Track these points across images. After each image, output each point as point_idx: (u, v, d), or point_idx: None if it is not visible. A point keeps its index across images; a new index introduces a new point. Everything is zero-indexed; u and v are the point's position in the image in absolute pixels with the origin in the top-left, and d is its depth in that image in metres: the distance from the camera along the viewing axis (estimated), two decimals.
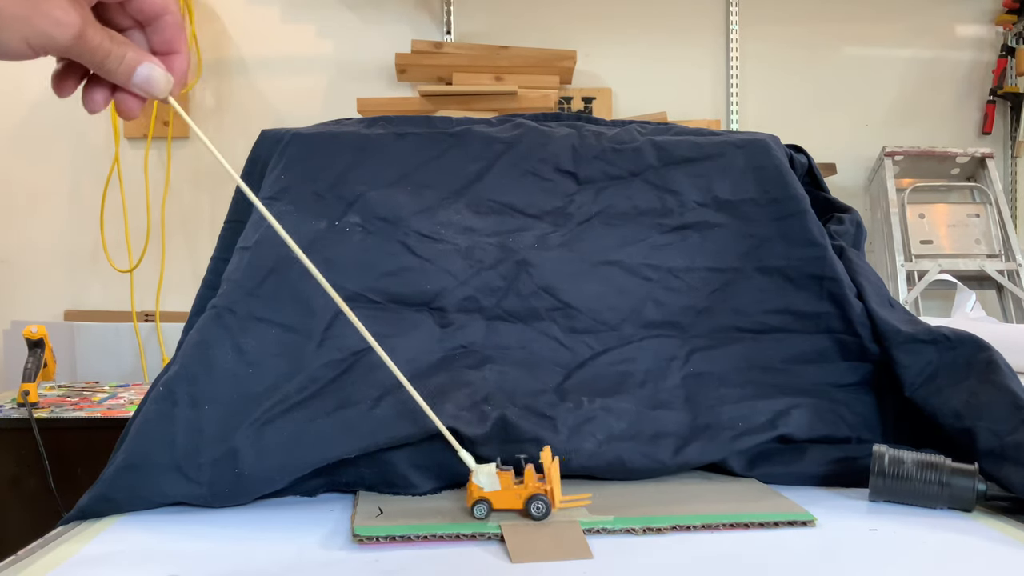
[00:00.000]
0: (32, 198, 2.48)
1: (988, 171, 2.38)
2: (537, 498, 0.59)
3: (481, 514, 0.59)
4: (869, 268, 0.87)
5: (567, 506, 0.61)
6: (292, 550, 0.55)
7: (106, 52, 0.47)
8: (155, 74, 0.49)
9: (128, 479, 0.62)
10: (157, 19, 0.50)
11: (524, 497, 0.59)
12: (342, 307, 0.60)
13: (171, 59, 0.51)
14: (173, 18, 0.51)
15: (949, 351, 0.75)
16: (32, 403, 1.43)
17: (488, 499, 0.59)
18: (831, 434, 0.74)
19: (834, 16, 2.59)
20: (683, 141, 0.91)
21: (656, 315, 0.83)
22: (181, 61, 0.52)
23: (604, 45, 2.55)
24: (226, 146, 2.55)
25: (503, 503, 0.59)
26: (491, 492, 0.59)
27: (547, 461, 0.60)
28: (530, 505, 0.59)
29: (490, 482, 0.59)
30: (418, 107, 2.27)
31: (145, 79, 0.49)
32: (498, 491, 0.59)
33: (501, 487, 0.59)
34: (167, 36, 0.51)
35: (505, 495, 0.59)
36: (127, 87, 0.50)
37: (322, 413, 0.67)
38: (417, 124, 0.90)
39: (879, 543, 0.57)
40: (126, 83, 0.49)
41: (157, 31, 0.51)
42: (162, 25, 0.51)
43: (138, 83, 0.49)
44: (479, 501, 0.59)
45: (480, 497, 0.59)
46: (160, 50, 0.51)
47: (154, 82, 0.49)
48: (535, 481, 0.60)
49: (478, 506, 0.59)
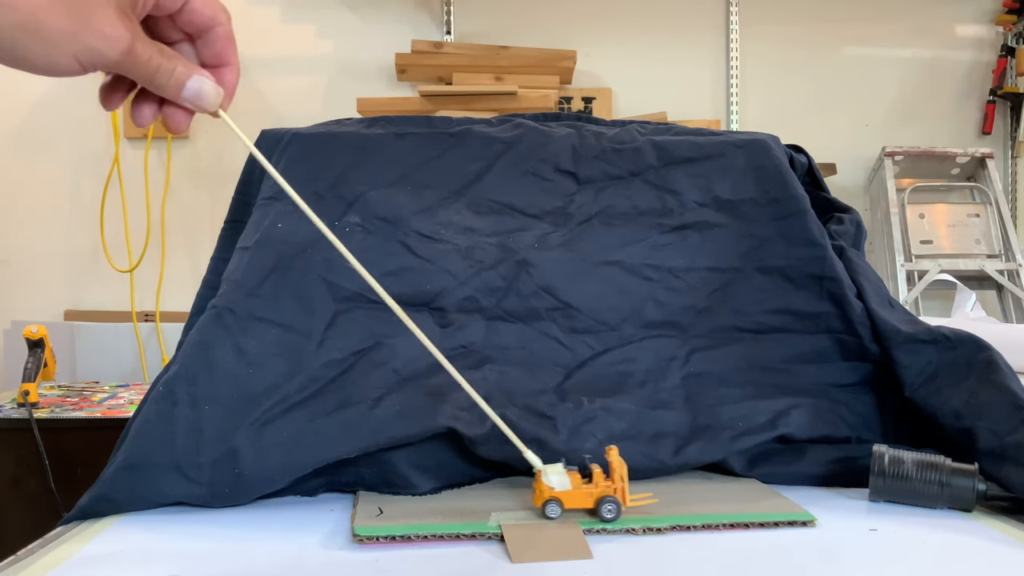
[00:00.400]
0: (32, 198, 2.48)
1: (988, 171, 2.38)
2: (608, 499, 0.59)
3: (554, 514, 0.59)
4: (869, 268, 0.87)
5: (636, 505, 0.61)
6: (292, 550, 0.55)
7: (156, 66, 0.46)
8: (205, 87, 0.49)
9: (128, 479, 0.62)
10: (208, 31, 0.49)
11: (595, 497, 0.59)
12: (397, 309, 0.59)
13: (221, 71, 0.51)
14: (224, 29, 0.50)
15: (949, 351, 0.75)
16: (32, 403, 1.43)
17: (559, 499, 0.59)
18: (831, 434, 0.74)
19: (834, 16, 2.59)
20: (683, 141, 0.91)
21: (656, 315, 0.83)
22: (232, 73, 0.51)
23: (604, 45, 2.55)
24: (226, 146, 2.55)
25: (574, 503, 0.59)
26: (562, 492, 0.59)
27: (614, 460, 0.60)
28: (601, 506, 0.59)
29: (561, 481, 0.59)
30: (418, 107, 2.27)
31: (195, 93, 0.48)
32: (569, 491, 0.59)
33: (572, 487, 0.59)
34: (218, 48, 0.50)
35: (576, 495, 0.59)
36: (177, 101, 0.49)
37: (322, 413, 0.67)
38: (417, 124, 0.90)
39: (879, 543, 0.57)
40: (176, 97, 0.48)
41: (207, 43, 0.50)
42: (213, 37, 0.50)
43: (188, 97, 0.48)
44: (551, 500, 0.59)
45: (552, 496, 0.59)
46: (210, 63, 0.50)
47: (204, 95, 0.49)
48: (604, 481, 0.60)
49: (550, 505, 0.59)
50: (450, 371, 0.59)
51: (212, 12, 0.49)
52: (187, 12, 0.48)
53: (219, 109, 0.50)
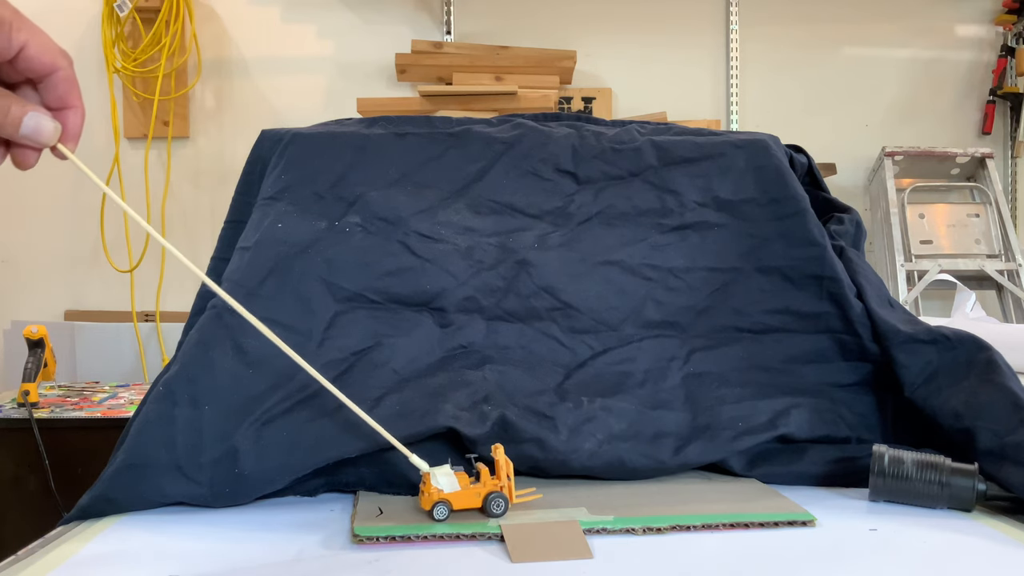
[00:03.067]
0: (32, 198, 2.48)
1: (988, 171, 2.38)
2: (495, 495, 0.60)
3: (442, 515, 0.59)
4: (869, 268, 0.87)
5: (521, 501, 0.62)
6: (292, 550, 0.55)
7: None
8: (43, 123, 0.50)
9: (128, 479, 0.62)
10: (48, 76, 0.50)
11: (483, 495, 0.60)
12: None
13: (65, 114, 0.52)
14: (65, 74, 0.51)
15: (949, 351, 0.75)
16: (32, 403, 1.43)
17: (448, 500, 0.59)
18: (831, 434, 0.74)
19: (834, 16, 2.59)
20: (683, 141, 0.91)
21: (656, 315, 0.83)
22: (76, 116, 0.52)
23: (604, 45, 2.55)
24: (226, 146, 2.55)
25: (463, 503, 0.60)
26: (451, 493, 0.60)
27: (500, 457, 0.61)
28: (489, 503, 0.60)
29: (449, 483, 0.60)
30: (418, 107, 2.27)
31: (33, 129, 0.49)
32: (457, 492, 0.60)
33: (460, 487, 0.60)
34: (60, 92, 0.51)
35: (464, 495, 0.60)
36: (15, 139, 0.50)
37: (322, 413, 0.67)
38: (417, 124, 0.90)
39: (879, 543, 0.57)
40: (14, 135, 0.49)
41: (49, 87, 0.51)
42: (54, 81, 0.51)
43: (26, 133, 0.49)
44: (439, 503, 0.59)
45: (440, 499, 0.59)
46: (54, 105, 0.51)
47: (42, 131, 0.50)
48: (491, 479, 0.61)
49: (438, 507, 0.59)
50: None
51: (51, 58, 0.50)
52: (23, 59, 0.49)
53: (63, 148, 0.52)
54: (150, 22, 2.36)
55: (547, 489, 0.67)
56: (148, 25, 2.36)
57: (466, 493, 0.60)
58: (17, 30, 0.48)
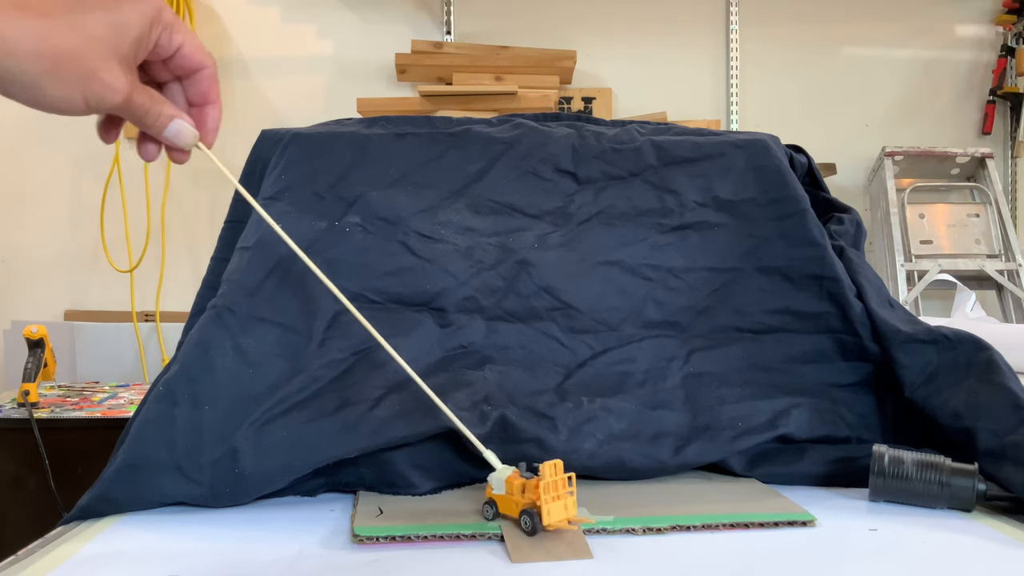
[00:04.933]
0: (32, 198, 2.48)
1: (988, 171, 2.38)
2: (527, 512, 0.57)
3: (488, 515, 0.60)
4: (869, 268, 0.87)
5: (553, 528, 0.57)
6: (292, 550, 0.55)
7: (146, 111, 0.54)
8: (183, 129, 0.57)
9: (128, 479, 0.62)
10: (195, 73, 0.57)
11: (521, 507, 0.58)
12: (348, 306, 0.60)
13: (205, 109, 0.59)
14: (209, 72, 0.58)
15: (949, 351, 0.75)
16: (32, 403, 1.43)
17: (496, 501, 0.60)
18: (831, 434, 0.74)
19: (834, 16, 2.59)
20: (683, 141, 0.91)
21: (656, 315, 0.83)
22: (215, 110, 0.59)
23: (604, 45, 2.55)
24: (226, 146, 2.56)
25: (505, 509, 0.60)
26: (497, 495, 0.60)
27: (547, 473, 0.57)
28: (521, 517, 0.58)
29: (498, 485, 0.60)
30: (418, 107, 2.27)
31: (175, 134, 0.57)
32: (503, 495, 0.59)
33: (505, 492, 0.59)
34: (203, 88, 0.58)
35: (507, 501, 0.59)
36: (159, 139, 0.57)
37: (323, 413, 0.67)
38: (417, 124, 0.90)
39: (879, 543, 0.57)
40: (159, 136, 0.57)
41: (194, 84, 0.58)
42: (199, 79, 0.58)
43: (168, 136, 0.57)
44: (488, 502, 0.60)
45: (489, 498, 0.60)
46: (196, 101, 0.58)
47: (182, 136, 0.57)
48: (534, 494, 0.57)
49: (486, 506, 0.60)
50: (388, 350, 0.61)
51: (200, 58, 0.57)
52: (178, 58, 0.56)
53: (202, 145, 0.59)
54: None
55: None
56: None
57: (507, 500, 0.59)
58: (176, 32, 0.54)
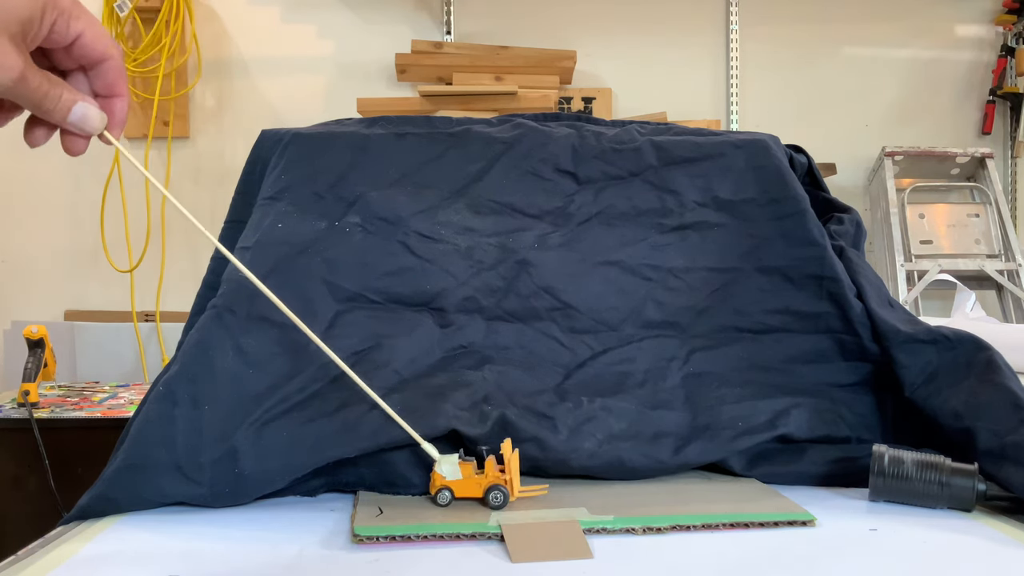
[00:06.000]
0: (32, 198, 2.48)
1: (988, 171, 2.38)
2: (495, 488, 0.62)
3: (444, 501, 0.63)
4: (869, 268, 0.87)
5: (525, 495, 0.64)
6: (292, 550, 0.55)
7: (44, 93, 0.50)
8: (90, 112, 0.52)
9: (128, 479, 0.62)
10: (99, 64, 0.53)
11: (484, 486, 0.63)
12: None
13: (112, 101, 0.54)
14: (115, 63, 0.53)
15: (949, 351, 0.75)
16: (32, 403, 1.43)
17: (451, 487, 0.63)
18: (831, 434, 0.74)
19: (834, 16, 2.59)
20: (683, 141, 0.91)
21: (656, 315, 0.83)
22: (122, 104, 0.55)
23: (604, 45, 2.55)
24: (226, 146, 2.55)
25: (464, 491, 0.63)
26: (453, 481, 0.63)
27: (507, 452, 0.63)
28: (488, 494, 0.62)
29: (452, 471, 0.63)
30: (418, 107, 2.27)
31: (80, 117, 0.52)
32: (460, 480, 0.63)
33: (463, 476, 0.63)
34: (109, 80, 0.54)
35: (466, 484, 0.63)
36: (63, 126, 0.52)
37: (322, 413, 0.67)
38: (417, 124, 0.90)
39: (879, 543, 0.57)
40: (62, 122, 0.52)
41: (99, 75, 0.53)
42: (104, 69, 0.53)
43: (73, 121, 0.52)
44: (442, 489, 0.63)
45: (443, 485, 0.63)
46: (102, 92, 0.54)
47: (89, 120, 0.52)
48: (495, 471, 0.63)
49: (441, 493, 0.63)
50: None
51: (103, 47, 0.52)
52: (79, 47, 0.51)
53: (108, 135, 0.54)
54: (150, 22, 2.36)
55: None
56: (148, 25, 2.36)
57: (468, 482, 0.63)
58: (75, 18, 0.50)
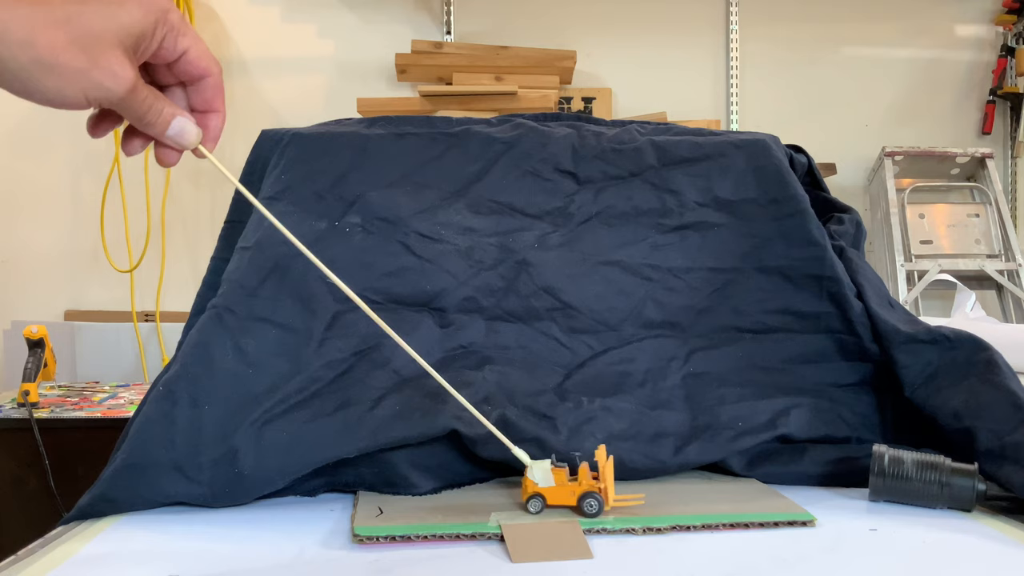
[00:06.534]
0: (32, 198, 2.48)
1: (988, 171, 2.38)
2: (590, 495, 0.60)
3: (536, 508, 0.60)
4: (869, 268, 0.87)
5: (620, 505, 0.61)
6: (292, 550, 0.55)
7: (148, 106, 0.51)
8: (187, 127, 0.53)
9: (128, 479, 0.62)
10: (200, 80, 0.54)
11: (578, 494, 0.60)
12: (365, 309, 0.60)
13: (208, 116, 0.55)
14: (214, 80, 0.54)
15: (949, 351, 0.75)
16: (32, 403, 1.43)
17: (543, 494, 0.60)
18: (831, 434, 0.74)
19: (834, 16, 2.59)
20: (683, 141, 0.91)
21: (656, 315, 0.83)
22: (218, 119, 0.56)
23: (604, 45, 2.55)
24: (226, 146, 2.55)
25: (557, 499, 0.60)
26: (546, 488, 0.60)
27: (601, 459, 0.61)
28: (583, 502, 0.60)
29: (545, 478, 0.60)
30: (418, 107, 2.27)
31: (178, 132, 0.53)
32: (552, 487, 0.60)
33: (556, 483, 0.60)
34: (207, 96, 0.55)
35: (559, 491, 0.60)
36: (161, 139, 0.53)
37: (322, 413, 0.67)
38: (417, 124, 0.90)
39: (879, 543, 0.57)
40: (160, 135, 0.53)
41: (198, 91, 0.54)
42: (204, 86, 0.54)
43: (171, 135, 0.53)
44: (534, 496, 0.60)
45: (535, 492, 0.60)
46: (199, 108, 0.55)
47: (186, 135, 0.53)
48: (589, 479, 0.60)
49: (533, 501, 0.60)
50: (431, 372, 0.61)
51: (206, 64, 0.53)
52: (183, 63, 0.52)
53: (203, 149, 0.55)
54: None
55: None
56: None
57: (562, 489, 0.60)
58: (183, 35, 0.51)
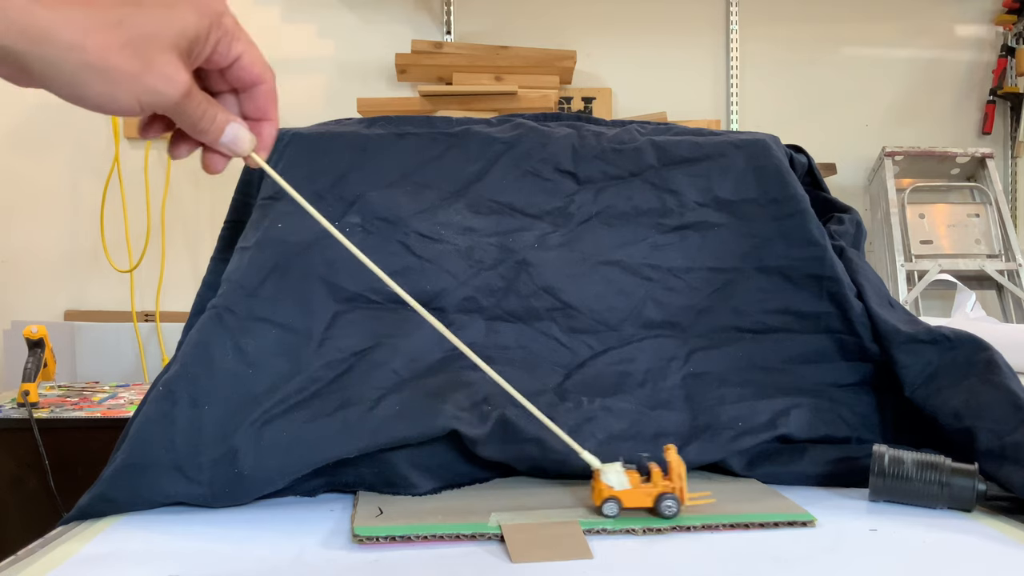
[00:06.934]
0: (32, 198, 2.48)
1: (988, 171, 2.38)
2: (668, 496, 0.60)
3: (612, 512, 0.60)
4: (869, 268, 0.87)
5: (694, 503, 0.61)
6: (292, 550, 0.55)
7: (202, 112, 0.49)
8: (241, 134, 0.52)
9: (128, 479, 0.62)
10: (253, 87, 0.53)
11: (654, 495, 0.60)
12: (417, 307, 0.60)
13: (261, 124, 0.54)
14: (268, 87, 0.53)
15: (949, 351, 0.75)
16: (32, 403, 1.43)
17: (618, 497, 0.60)
18: (831, 434, 0.74)
19: (834, 16, 2.59)
20: (683, 141, 0.91)
21: (656, 315, 0.83)
22: (271, 127, 0.54)
23: (604, 45, 2.55)
24: None
25: (633, 501, 0.60)
26: (621, 491, 0.60)
27: (673, 459, 0.60)
28: (660, 503, 0.59)
29: (620, 480, 0.60)
30: (418, 107, 2.27)
31: (232, 139, 0.52)
32: (628, 490, 0.60)
33: (631, 485, 0.60)
34: (260, 103, 0.53)
35: (635, 494, 0.60)
36: (214, 146, 0.52)
37: (322, 413, 0.67)
38: (417, 124, 0.90)
39: (879, 543, 0.57)
40: (214, 142, 0.52)
41: (251, 98, 0.53)
42: (257, 93, 0.53)
43: (225, 142, 0.52)
44: (609, 499, 0.60)
45: (610, 496, 0.60)
46: (251, 115, 0.54)
47: (240, 142, 0.52)
48: (663, 480, 0.60)
49: (608, 504, 0.60)
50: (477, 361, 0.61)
51: (260, 70, 0.52)
52: (237, 68, 0.51)
53: (256, 157, 0.54)
54: None
55: (547, 489, 0.67)
56: None
57: (637, 492, 0.60)
58: (236, 40, 0.50)
